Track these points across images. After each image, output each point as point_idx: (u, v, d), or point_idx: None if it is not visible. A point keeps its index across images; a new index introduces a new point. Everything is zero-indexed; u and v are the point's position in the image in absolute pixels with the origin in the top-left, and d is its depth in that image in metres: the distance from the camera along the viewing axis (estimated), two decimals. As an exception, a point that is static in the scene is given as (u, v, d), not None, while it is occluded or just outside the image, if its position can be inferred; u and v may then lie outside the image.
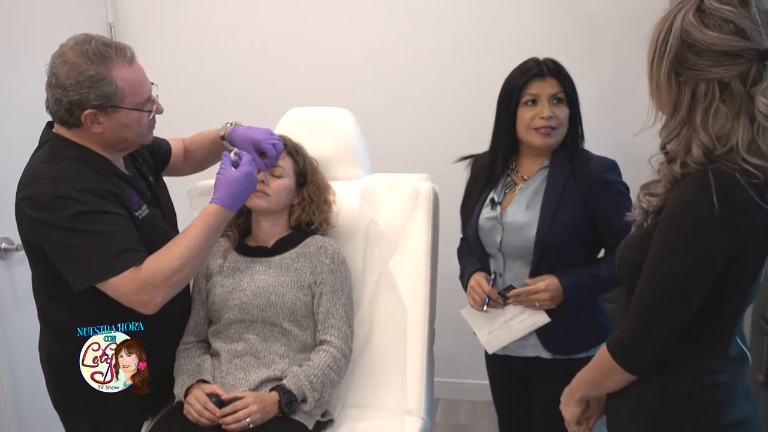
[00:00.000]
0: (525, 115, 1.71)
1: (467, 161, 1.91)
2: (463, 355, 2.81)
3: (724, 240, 1.08)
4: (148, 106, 1.55)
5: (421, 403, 1.82)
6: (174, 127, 2.01)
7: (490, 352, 1.81)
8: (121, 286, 1.44)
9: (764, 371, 1.81)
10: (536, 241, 1.68)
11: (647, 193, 1.18)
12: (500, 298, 1.72)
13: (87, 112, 1.46)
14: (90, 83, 1.43)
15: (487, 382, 1.99)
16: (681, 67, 1.10)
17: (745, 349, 1.24)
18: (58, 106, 1.47)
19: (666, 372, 1.19)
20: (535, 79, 1.69)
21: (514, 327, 1.73)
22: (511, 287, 1.72)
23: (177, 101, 2.87)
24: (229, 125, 1.83)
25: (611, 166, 1.71)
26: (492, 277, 1.76)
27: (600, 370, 1.26)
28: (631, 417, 1.25)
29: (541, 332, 1.73)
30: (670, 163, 1.14)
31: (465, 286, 1.82)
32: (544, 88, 1.69)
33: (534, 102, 1.70)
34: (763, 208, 1.08)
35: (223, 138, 1.83)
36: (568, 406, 1.37)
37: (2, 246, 2.17)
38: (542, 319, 1.70)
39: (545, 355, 1.74)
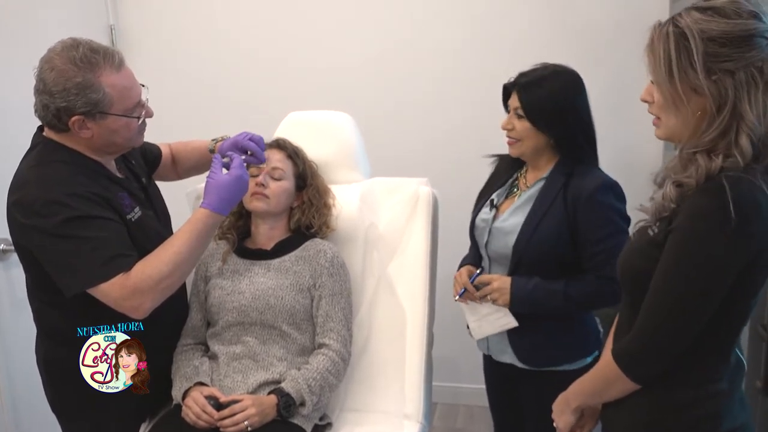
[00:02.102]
0: None
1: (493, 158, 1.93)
2: (461, 359, 2.81)
3: (739, 249, 1.07)
4: (137, 111, 1.53)
5: (420, 407, 1.82)
6: (174, 129, 2.01)
7: (475, 338, 1.85)
8: (111, 291, 1.44)
9: (762, 377, 1.81)
10: (513, 249, 1.70)
11: (675, 182, 1.13)
12: (476, 291, 1.75)
13: (74, 118, 1.44)
14: (77, 90, 1.42)
15: (485, 386, 1.99)
16: (714, 63, 1.08)
17: (741, 356, 1.24)
18: (46, 111, 1.46)
19: (665, 381, 1.18)
20: (511, 92, 1.76)
21: (489, 323, 1.77)
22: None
23: (177, 103, 2.90)
24: (215, 142, 1.80)
25: (606, 187, 1.65)
26: (478, 271, 1.79)
27: (603, 379, 1.25)
28: (628, 426, 1.25)
29: (514, 343, 1.75)
30: (710, 155, 1.10)
31: None
32: (512, 102, 1.74)
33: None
34: None
35: (212, 152, 1.82)
36: (563, 415, 1.36)
37: (1, 247, 2.16)
38: (510, 322, 1.73)
39: (519, 365, 1.76)
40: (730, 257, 1.08)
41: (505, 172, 1.86)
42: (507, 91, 1.77)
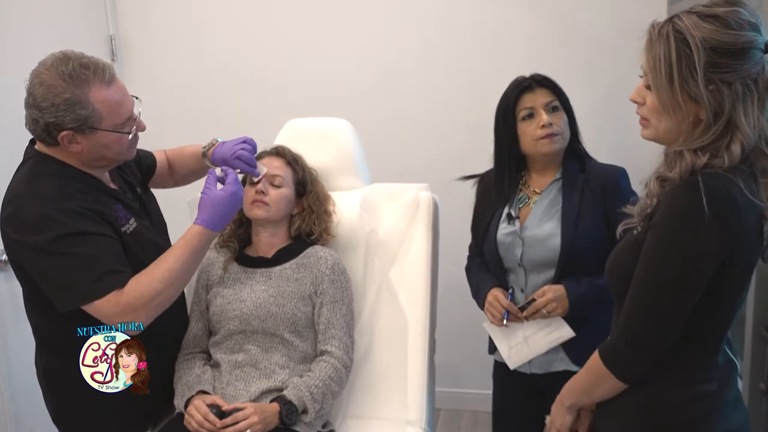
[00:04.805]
0: (527, 130, 1.73)
1: (473, 180, 1.90)
2: (464, 364, 2.80)
3: (715, 243, 1.08)
4: (129, 125, 1.51)
5: (422, 413, 1.82)
6: (174, 137, 2.01)
7: (511, 367, 1.77)
8: (104, 308, 1.44)
9: (765, 379, 1.80)
10: (561, 252, 1.68)
11: (659, 177, 1.15)
12: (519, 312, 1.70)
13: (63, 133, 1.43)
14: (66, 106, 1.40)
15: (489, 391, 1.98)
16: (714, 73, 1.09)
17: (732, 357, 1.24)
18: (36, 125, 1.45)
19: (654, 382, 1.19)
20: (525, 92, 1.73)
21: (536, 342, 1.72)
22: (533, 300, 1.69)
23: (177, 113, 2.90)
24: (206, 149, 1.80)
25: (623, 174, 1.75)
26: (510, 291, 1.76)
27: (592, 377, 1.25)
28: (619, 427, 1.25)
29: (567, 346, 1.71)
30: (698, 152, 1.11)
31: (480, 304, 1.80)
32: (537, 99, 1.72)
33: (531, 115, 1.72)
34: (756, 206, 1.09)
35: (204, 156, 1.81)
36: (559, 416, 1.36)
37: (2, 258, 2.16)
38: (566, 333, 1.69)
39: (573, 368, 1.71)
40: (705, 252, 1.08)
41: (494, 188, 1.82)
42: (523, 90, 1.73)
